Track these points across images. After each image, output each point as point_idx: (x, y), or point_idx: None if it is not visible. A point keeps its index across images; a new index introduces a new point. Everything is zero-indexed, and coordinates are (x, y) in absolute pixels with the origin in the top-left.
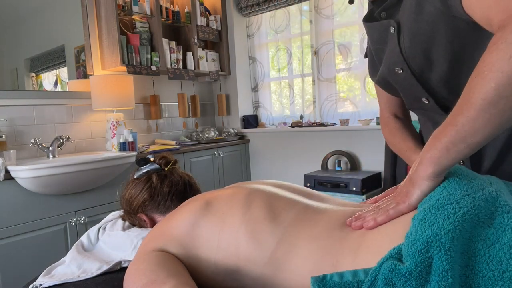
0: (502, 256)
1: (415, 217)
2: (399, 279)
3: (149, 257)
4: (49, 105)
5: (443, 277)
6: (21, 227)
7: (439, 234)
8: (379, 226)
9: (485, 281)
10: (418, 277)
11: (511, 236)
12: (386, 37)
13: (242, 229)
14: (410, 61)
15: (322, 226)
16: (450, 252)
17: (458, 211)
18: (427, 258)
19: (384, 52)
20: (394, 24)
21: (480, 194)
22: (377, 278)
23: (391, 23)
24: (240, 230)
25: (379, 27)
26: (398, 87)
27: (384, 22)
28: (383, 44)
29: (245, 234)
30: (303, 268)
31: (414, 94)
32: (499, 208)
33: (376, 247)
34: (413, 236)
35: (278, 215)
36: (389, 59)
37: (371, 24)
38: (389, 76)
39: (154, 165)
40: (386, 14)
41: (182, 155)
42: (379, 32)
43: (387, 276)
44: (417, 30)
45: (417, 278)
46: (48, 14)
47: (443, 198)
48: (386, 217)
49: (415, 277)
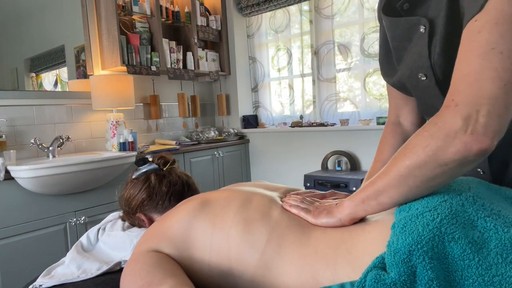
0: (491, 261)
1: (395, 225)
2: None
3: (144, 258)
4: (49, 105)
5: (430, 286)
6: (21, 227)
7: (420, 242)
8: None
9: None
10: (402, 287)
11: (496, 241)
12: (411, 34)
13: (232, 230)
14: (437, 68)
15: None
16: (433, 261)
17: (436, 217)
18: (410, 267)
19: (406, 50)
20: (426, 23)
21: (457, 199)
22: None
23: (422, 21)
24: (230, 231)
25: (404, 23)
26: (416, 93)
27: (412, 19)
28: (405, 42)
29: (236, 235)
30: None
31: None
32: (479, 211)
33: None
34: (395, 245)
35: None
36: (414, 61)
37: (394, 19)
38: (409, 81)
39: (153, 165)
40: (409, 5)
41: (182, 155)
42: (403, 29)
43: (373, 287)
44: (453, 38)
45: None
46: (48, 14)
47: (422, 206)
48: (310, 217)
49: (399, 287)
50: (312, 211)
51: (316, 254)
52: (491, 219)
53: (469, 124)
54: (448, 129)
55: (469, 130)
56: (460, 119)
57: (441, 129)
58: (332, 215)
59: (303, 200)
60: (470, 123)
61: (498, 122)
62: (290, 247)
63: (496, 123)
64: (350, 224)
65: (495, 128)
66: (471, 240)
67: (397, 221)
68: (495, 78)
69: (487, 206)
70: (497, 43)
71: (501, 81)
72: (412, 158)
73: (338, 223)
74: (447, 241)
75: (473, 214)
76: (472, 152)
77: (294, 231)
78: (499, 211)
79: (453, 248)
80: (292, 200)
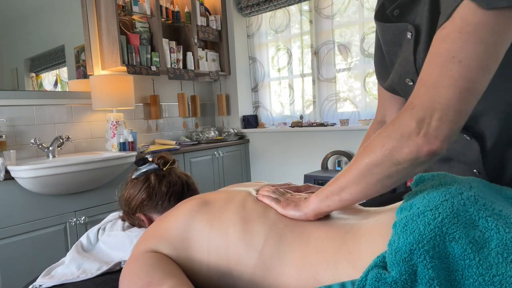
0: (492, 260)
1: (397, 224)
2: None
3: (142, 258)
4: (49, 105)
5: (430, 285)
6: (21, 227)
7: (421, 241)
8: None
9: (475, 286)
10: (404, 286)
11: (497, 241)
12: (401, 40)
13: (230, 230)
14: None
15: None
16: (434, 260)
17: (437, 216)
18: (411, 266)
19: (397, 56)
20: (412, 30)
21: (458, 198)
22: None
23: (409, 28)
24: (228, 231)
25: (394, 29)
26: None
27: (401, 25)
28: (396, 47)
29: (234, 234)
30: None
31: None
32: (480, 211)
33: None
34: (396, 244)
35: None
36: (402, 66)
37: (385, 25)
38: (399, 85)
39: (153, 165)
40: (399, 11)
41: (182, 155)
42: (393, 35)
43: (374, 286)
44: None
45: (402, 287)
46: (48, 14)
47: (423, 205)
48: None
49: (400, 286)
50: (281, 202)
51: (317, 254)
52: (492, 219)
53: (422, 127)
54: (403, 130)
55: (421, 133)
56: (414, 121)
57: (397, 130)
58: (299, 208)
59: (275, 191)
60: (423, 126)
61: (449, 127)
62: (289, 247)
63: (447, 127)
64: (314, 219)
65: (446, 132)
66: (472, 240)
67: (398, 220)
68: (451, 85)
69: (489, 206)
70: (458, 52)
71: (457, 88)
72: (371, 156)
73: (303, 216)
74: (448, 241)
75: (475, 214)
76: (423, 153)
77: (293, 230)
78: (500, 211)
79: (453, 248)
80: (265, 191)
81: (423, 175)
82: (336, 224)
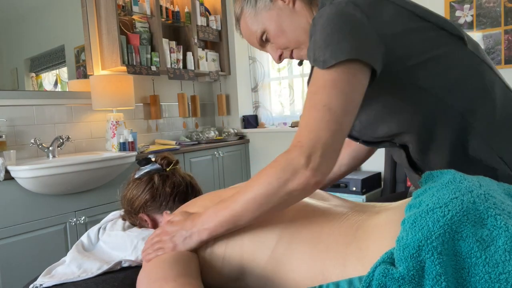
0: (498, 258)
1: (405, 220)
2: (392, 284)
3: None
4: (49, 105)
5: (437, 281)
6: (21, 227)
7: (430, 238)
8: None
9: (481, 284)
10: (411, 281)
11: (505, 239)
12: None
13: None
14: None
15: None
16: (442, 256)
17: (447, 214)
18: (419, 262)
19: None
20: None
21: (468, 196)
22: (371, 284)
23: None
24: (245, 228)
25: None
26: None
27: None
28: None
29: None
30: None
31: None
32: (490, 209)
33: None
34: (404, 240)
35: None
36: None
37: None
38: None
39: (156, 165)
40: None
41: (182, 155)
42: None
43: (381, 281)
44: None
45: (409, 282)
46: (48, 14)
47: (433, 202)
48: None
49: (407, 281)
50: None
51: (327, 251)
52: (501, 218)
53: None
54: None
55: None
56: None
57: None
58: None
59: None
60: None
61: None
62: (301, 244)
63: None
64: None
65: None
66: (479, 239)
67: (407, 217)
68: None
69: (499, 205)
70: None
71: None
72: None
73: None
74: (456, 239)
75: (484, 212)
76: (311, 185)
77: (308, 227)
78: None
79: (460, 246)
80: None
81: (431, 173)
82: (348, 221)
